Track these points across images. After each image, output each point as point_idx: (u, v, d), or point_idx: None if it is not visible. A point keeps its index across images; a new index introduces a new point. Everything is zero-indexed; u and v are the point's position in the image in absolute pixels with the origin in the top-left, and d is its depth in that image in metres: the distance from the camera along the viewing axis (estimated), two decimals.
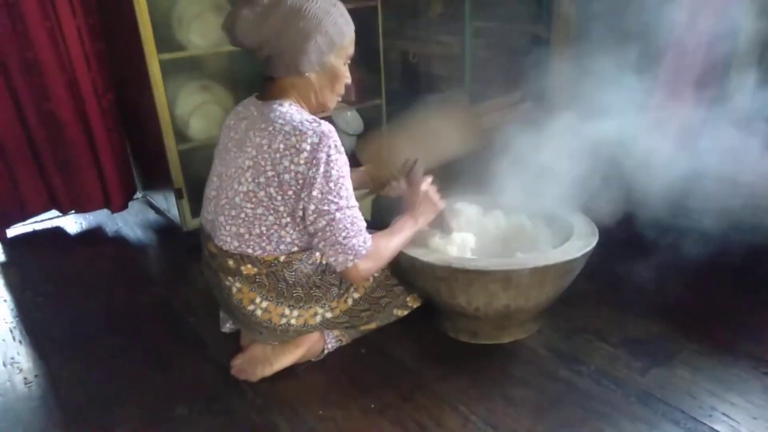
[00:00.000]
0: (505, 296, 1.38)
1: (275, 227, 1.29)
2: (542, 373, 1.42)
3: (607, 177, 1.65)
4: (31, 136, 2.18)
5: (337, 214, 1.25)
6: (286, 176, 1.24)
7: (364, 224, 1.31)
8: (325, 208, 1.24)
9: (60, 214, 2.44)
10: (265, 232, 1.30)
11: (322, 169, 1.22)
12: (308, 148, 1.22)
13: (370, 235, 1.32)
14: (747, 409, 1.26)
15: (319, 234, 1.28)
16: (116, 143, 2.33)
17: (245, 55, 2.17)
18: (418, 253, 1.42)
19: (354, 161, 1.40)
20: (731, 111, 1.63)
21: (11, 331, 1.72)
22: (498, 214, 1.68)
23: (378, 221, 1.57)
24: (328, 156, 1.23)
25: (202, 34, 2.09)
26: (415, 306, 1.56)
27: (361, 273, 1.31)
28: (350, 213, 1.27)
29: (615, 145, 1.59)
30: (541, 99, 2.25)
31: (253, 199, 1.27)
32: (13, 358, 1.59)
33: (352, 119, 2.70)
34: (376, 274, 1.48)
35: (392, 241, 1.38)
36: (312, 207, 1.25)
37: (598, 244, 1.44)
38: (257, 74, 2.26)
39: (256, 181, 1.26)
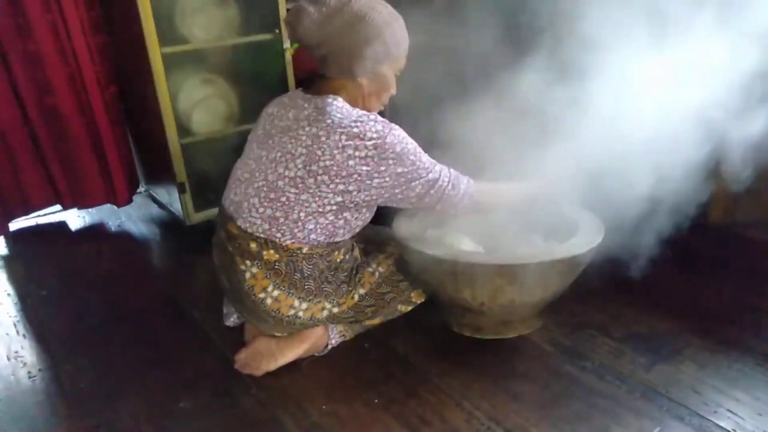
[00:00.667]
0: (510, 291, 1.37)
1: (315, 214, 1.32)
2: (546, 368, 1.41)
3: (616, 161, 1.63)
4: (34, 130, 2.18)
5: (430, 175, 1.34)
6: (351, 162, 1.28)
7: (453, 170, 1.39)
8: (415, 176, 1.32)
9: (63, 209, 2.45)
10: (302, 218, 1.32)
11: (398, 149, 1.29)
12: (375, 135, 1.27)
13: (466, 177, 1.41)
14: (752, 406, 1.26)
15: (427, 200, 1.36)
16: (119, 137, 2.33)
17: (248, 48, 2.19)
18: (424, 246, 1.42)
19: None
20: None
21: (15, 325, 1.72)
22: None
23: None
24: (397, 137, 1.30)
25: (205, 27, 2.08)
26: (419, 302, 1.56)
27: (484, 204, 1.44)
28: (439, 168, 1.36)
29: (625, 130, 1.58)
30: (544, 92, 2.23)
31: (300, 185, 1.30)
32: (17, 352, 1.59)
33: None
34: (381, 269, 1.49)
35: (506, 187, 1.48)
36: (400, 181, 1.32)
37: (603, 238, 1.44)
38: (260, 68, 2.27)
39: (308, 168, 1.29)
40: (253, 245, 1.35)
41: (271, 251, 1.35)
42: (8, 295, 1.90)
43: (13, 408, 1.38)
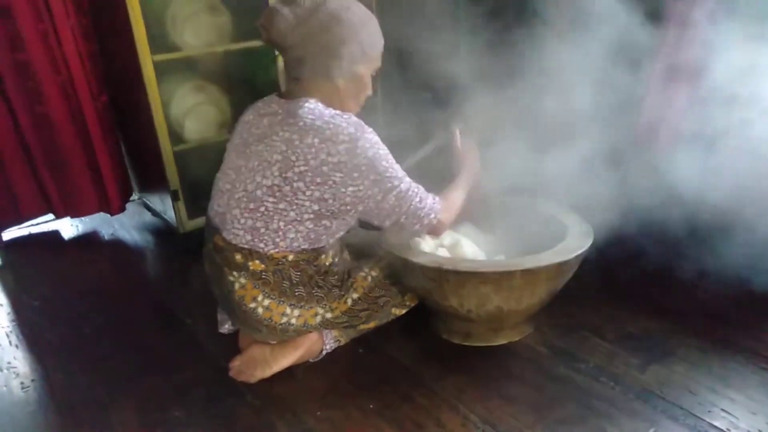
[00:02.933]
0: (497, 298, 1.36)
1: (294, 223, 1.31)
2: (540, 370, 1.41)
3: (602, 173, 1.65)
4: (25, 139, 2.17)
5: (402, 186, 1.33)
6: (325, 168, 1.26)
7: (419, 185, 1.39)
8: (388, 185, 1.31)
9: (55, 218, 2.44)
10: (282, 227, 1.31)
11: (369, 154, 1.28)
12: (347, 138, 1.26)
13: (431, 194, 1.41)
14: (746, 405, 1.26)
15: (395, 211, 1.35)
16: (112, 145, 2.32)
17: (240, 55, 2.20)
18: (410, 254, 1.41)
19: None
20: None
21: (7, 335, 1.71)
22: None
23: None
24: (370, 141, 1.29)
25: (196, 34, 2.08)
26: (413, 305, 1.56)
27: (445, 224, 1.42)
28: (408, 181, 1.36)
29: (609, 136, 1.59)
30: (534, 97, 2.24)
31: (277, 194, 1.29)
32: (9, 363, 1.58)
33: None
34: (374, 274, 1.48)
35: (459, 192, 1.50)
36: (374, 191, 1.31)
37: (594, 239, 1.44)
38: (252, 75, 2.27)
39: (284, 175, 1.28)
40: (238, 257, 1.35)
41: (257, 261, 1.34)
42: (0, 305, 1.88)
43: (5, 419, 1.37)
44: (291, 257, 1.34)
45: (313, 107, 1.30)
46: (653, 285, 1.74)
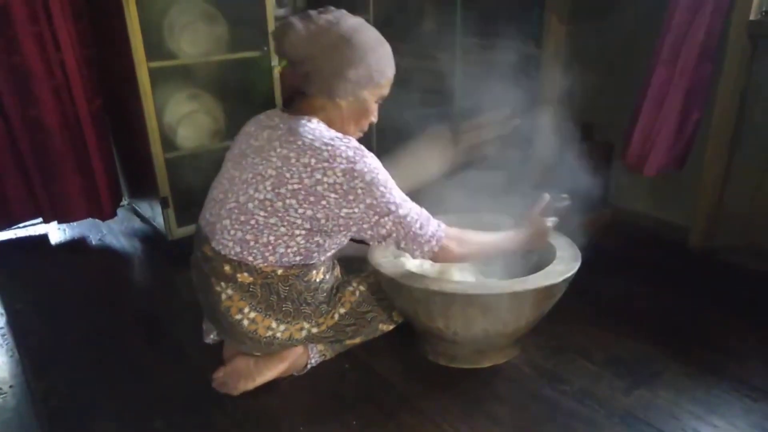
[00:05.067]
0: (483, 321, 1.35)
1: (284, 238, 1.30)
2: (525, 391, 1.41)
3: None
4: (16, 143, 2.15)
5: (400, 211, 1.27)
6: (319, 188, 1.24)
7: (423, 210, 1.33)
8: (385, 209, 1.27)
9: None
10: (272, 241, 1.30)
11: (367, 178, 1.24)
12: (344, 162, 1.24)
13: (439, 221, 1.34)
14: None
15: (393, 235, 1.29)
16: (105, 150, 2.31)
17: (236, 65, 2.20)
18: (396, 274, 1.39)
19: None
20: None
21: None
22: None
23: None
24: (367, 165, 1.25)
25: (192, 42, 2.09)
26: (400, 321, 1.55)
27: (452, 252, 1.33)
28: (410, 205, 1.30)
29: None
30: (529, 115, 2.26)
31: (269, 208, 1.28)
32: None
33: None
34: (362, 288, 1.48)
35: (481, 236, 1.40)
36: (369, 214, 1.27)
37: (582, 261, 1.44)
38: (246, 85, 2.28)
39: (277, 191, 1.27)
40: (227, 267, 1.34)
41: (245, 274, 1.33)
42: None
43: None
44: (280, 271, 1.33)
45: (314, 127, 1.29)
46: (641, 308, 1.75)
